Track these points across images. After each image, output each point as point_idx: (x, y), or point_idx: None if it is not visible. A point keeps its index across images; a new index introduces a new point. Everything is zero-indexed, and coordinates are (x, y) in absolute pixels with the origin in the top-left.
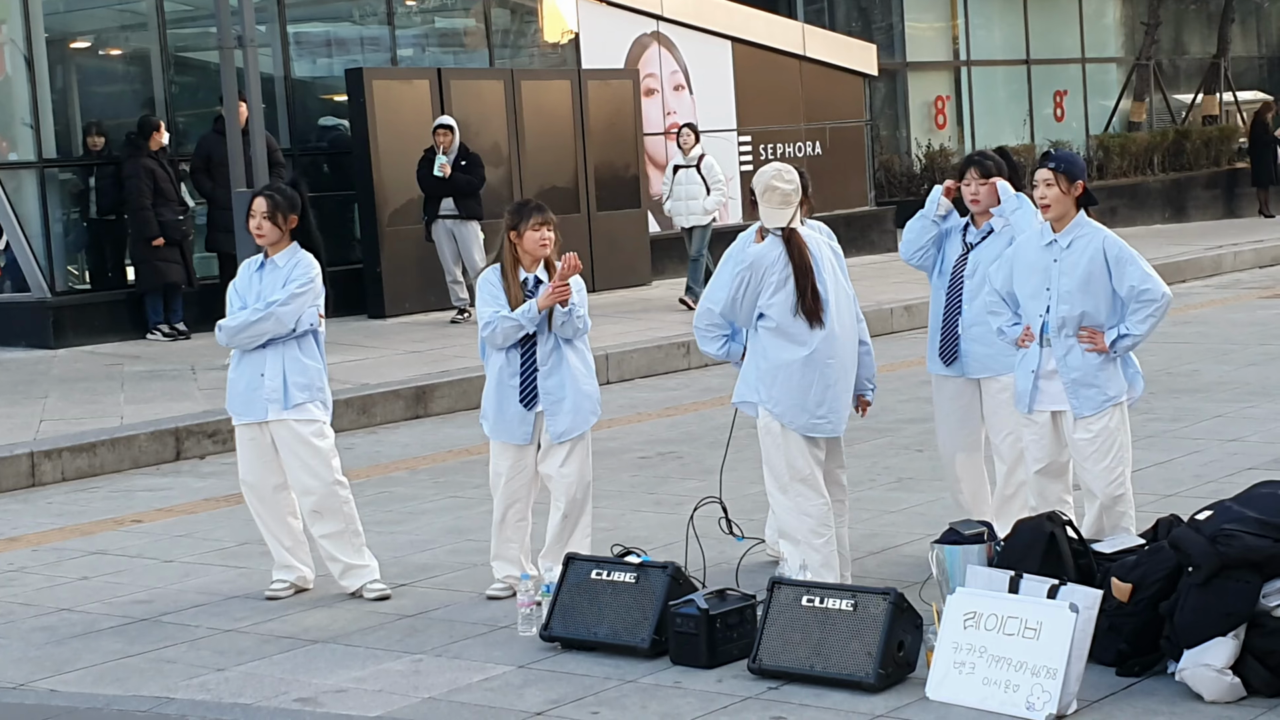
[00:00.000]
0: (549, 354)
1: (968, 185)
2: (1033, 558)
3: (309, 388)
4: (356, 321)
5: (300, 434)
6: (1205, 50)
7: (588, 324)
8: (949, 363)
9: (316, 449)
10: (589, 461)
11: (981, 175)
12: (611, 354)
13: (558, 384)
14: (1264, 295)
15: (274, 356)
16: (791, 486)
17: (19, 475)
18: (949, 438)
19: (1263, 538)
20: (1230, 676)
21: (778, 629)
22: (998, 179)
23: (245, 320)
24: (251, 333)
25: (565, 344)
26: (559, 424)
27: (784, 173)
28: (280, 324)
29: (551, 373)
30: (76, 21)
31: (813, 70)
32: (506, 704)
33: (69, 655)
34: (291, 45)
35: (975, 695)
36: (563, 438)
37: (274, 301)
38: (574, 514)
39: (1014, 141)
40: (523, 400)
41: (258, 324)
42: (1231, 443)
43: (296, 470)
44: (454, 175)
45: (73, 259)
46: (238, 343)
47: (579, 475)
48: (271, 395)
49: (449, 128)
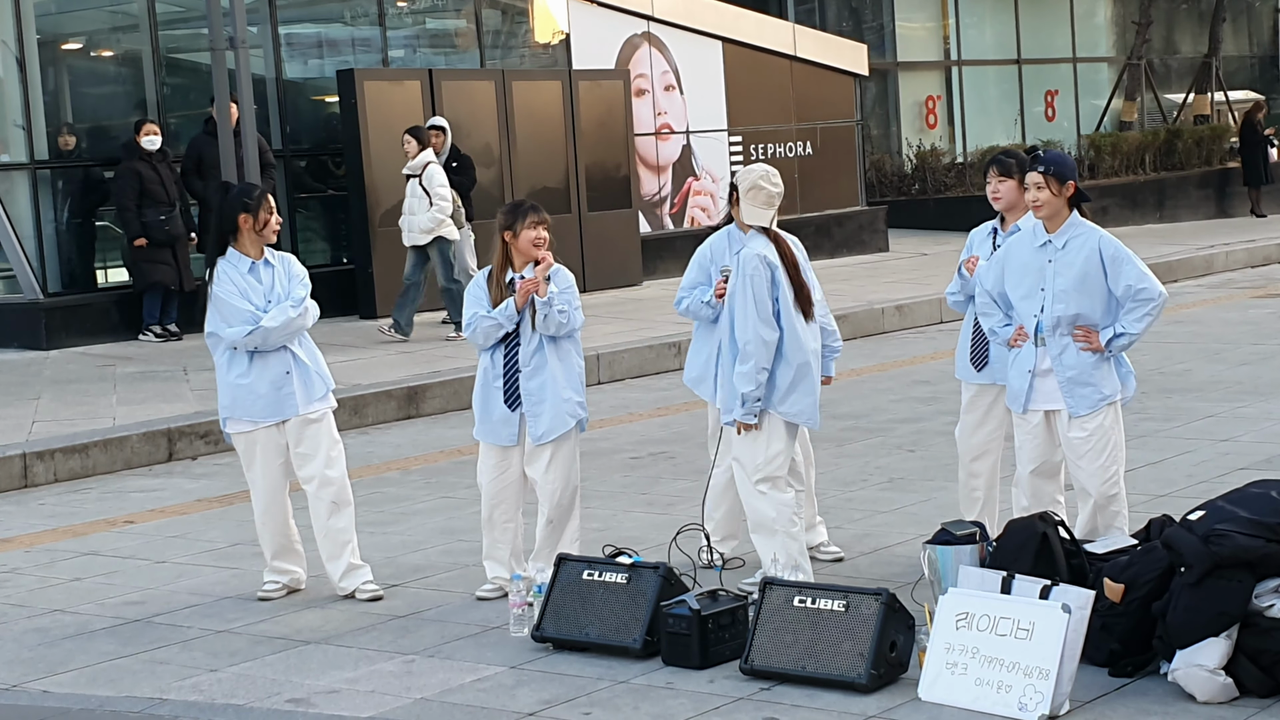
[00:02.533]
0: (531, 355)
1: (989, 184)
2: (1025, 558)
3: (328, 375)
4: (348, 322)
5: (327, 424)
6: (1196, 50)
7: (575, 321)
8: (979, 368)
9: (336, 440)
10: (575, 467)
11: (1001, 173)
12: (603, 354)
13: (539, 385)
14: (1256, 295)
15: (297, 350)
16: (773, 477)
17: (11, 476)
18: (967, 440)
19: (1255, 537)
20: (1223, 676)
21: (770, 630)
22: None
23: (287, 318)
24: (291, 329)
25: (550, 345)
26: (538, 426)
27: (771, 175)
28: (310, 317)
29: (534, 374)
30: (68, 23)
31: (803, 70)
32: (498, 705)
33: (62, 656)
34: (283, 46)
35: (968, 696)
36: (542, 439)
37: (303, 298)
38: (559, 519)
39: (1005, 141)
40: (506, 401)
41: (297, 320)
42: (1224, 442)
43: (318, 463)
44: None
45: (65, 260)
46: (272, 342)
47: (563, 481)
48: (304, 389)
49: (441, 129)
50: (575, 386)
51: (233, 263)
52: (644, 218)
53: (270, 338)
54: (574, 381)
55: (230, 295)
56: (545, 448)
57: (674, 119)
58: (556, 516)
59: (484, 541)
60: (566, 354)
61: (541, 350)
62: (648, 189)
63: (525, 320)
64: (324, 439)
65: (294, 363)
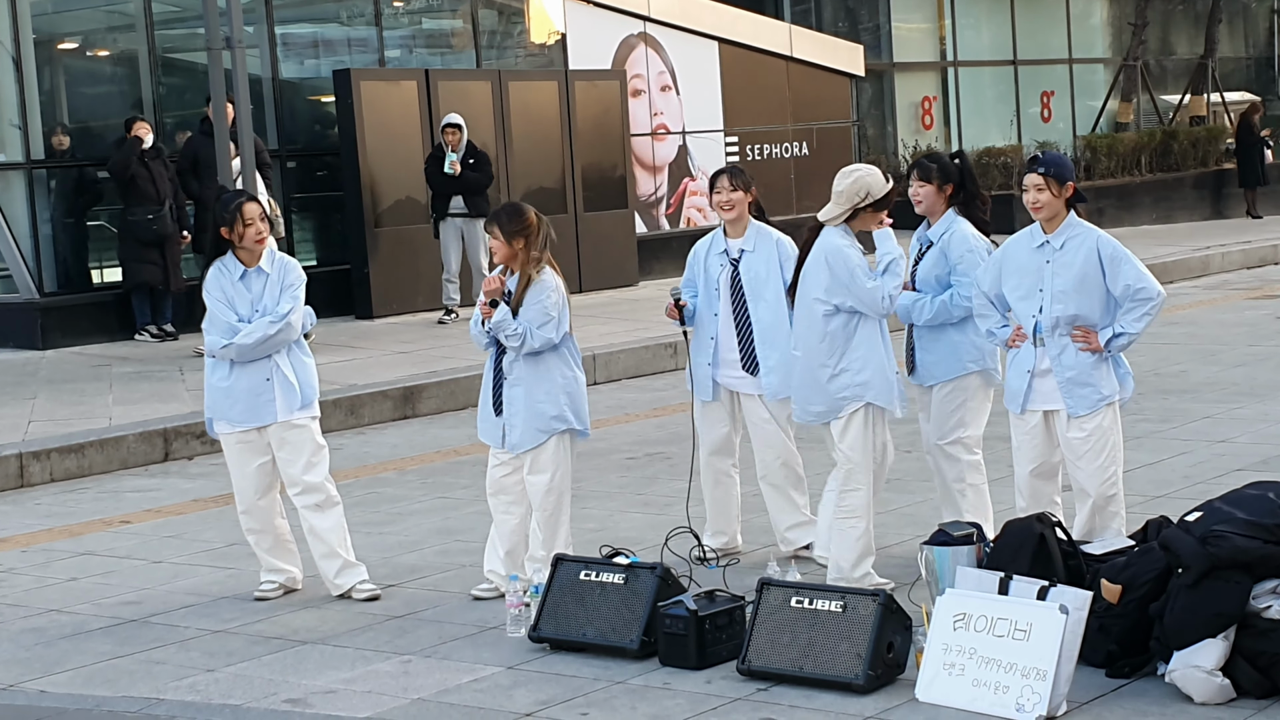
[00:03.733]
0: (512, 364)
1: (910, 187)
2: (1022, 559)
3: (313, 385)
4: (344, 322)
5: (310, 432)
6: (1192, 51)
7: (534, 342)
8: (910, 371)
9: (319, 446)
10: (560, 473)
11: (921, 178)
12: (599, 354)
13: (515, 396)
14: (1252, 296)
15: (281, 360)
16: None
17: (7, 476)
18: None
19: (1252, 539)
20: (1220, 678)
21: (767, 630)
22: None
23: (264, 334)
24: (269, 345)
25: (530, 357)
26: (512, 435)
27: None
28: (293, 331)
29: (514, 384)
30: (64, 22)
31: (800, 71)
32: (495, 705)
33: (58, 656)
34: (279, 46)
35: (965, 697)
36: (514, 449)
37: (286, 313)
38: (547, 525)
39: (1001, 142)
40: (494, 406)
41: (275, 337)
42: (1220, 444)
43: (300, 469)
44: (463, 173)
45: (60, 260)
46: (249, 356)
47: (545, 488)
48: (284, 398)
49: (458, 126)
50: (554, 399)
51: (226, 268)
52: (640, 218)
53: (245, 354)
54: (554, 394)
55: (215, 303)
56: (525, 455)
57: (670, 119)
58: (542, 521)
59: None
60: (548, 367)
61: (519, 361)
62: (644, 189)
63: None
64: (305, 445)
65: (275, 371)
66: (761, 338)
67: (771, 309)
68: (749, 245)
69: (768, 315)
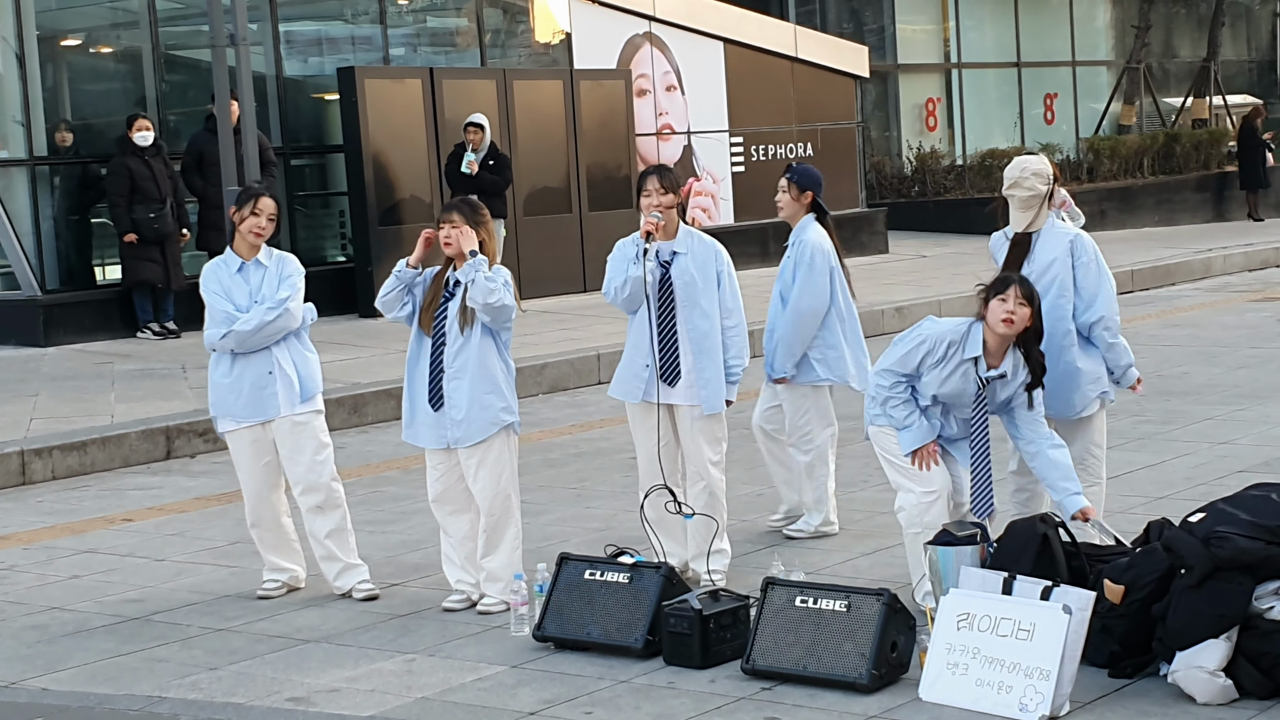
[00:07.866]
0: (455, 356)
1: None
2: (1026, 559)
3: (315, 379)
4: (348, 320)
5: (313, 428)
6: (1195, 54)
7: (509, 296)
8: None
9: (324, 444)
10: (506, 474)
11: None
12: (604, 354)
13: (457, 389)
14: (1253, 298)
15: (281, 353)
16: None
17: (9, 473)
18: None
19: (1255, 540)
20: (1222, 678)
21: (771, 629)
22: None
23: (261, 320)
24: (267, 332)
25: (475, 349)
26: (455, 430)
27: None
28: (292, 319)
29: (455, 376)
30: (68, 19)
31: (804, 72)
32: (499, 704)
33: (60, 654)
34: (283, 44)
35: (968, 696)
36: (460, 443)
37: (285, 299)
38: (494, 528)
39: (1004, 144)
40: (431, 401)
41: (274, 323)
42: (1222, 445)
43: (303, 467)
44: (481, 174)
45: (63, 257)
46: (250, 344)
47: (493, 488)
48: (286, 391)
49: (480, 126)
50: (499, 392)
51: (224, 262)
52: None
53: (246, 341)
54: (498, 387)
55: (213, 295)
56: (473, 453)
57: (675, 119)
58: (489, 525)
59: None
60: (491, 357)
61: (466, 352)
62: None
63: (452, 321)
64: (309, 442)
65: (277, 364)
66: (696, 346)
67: (707, 317)
68: (681, 248)
69: (704, 323)
